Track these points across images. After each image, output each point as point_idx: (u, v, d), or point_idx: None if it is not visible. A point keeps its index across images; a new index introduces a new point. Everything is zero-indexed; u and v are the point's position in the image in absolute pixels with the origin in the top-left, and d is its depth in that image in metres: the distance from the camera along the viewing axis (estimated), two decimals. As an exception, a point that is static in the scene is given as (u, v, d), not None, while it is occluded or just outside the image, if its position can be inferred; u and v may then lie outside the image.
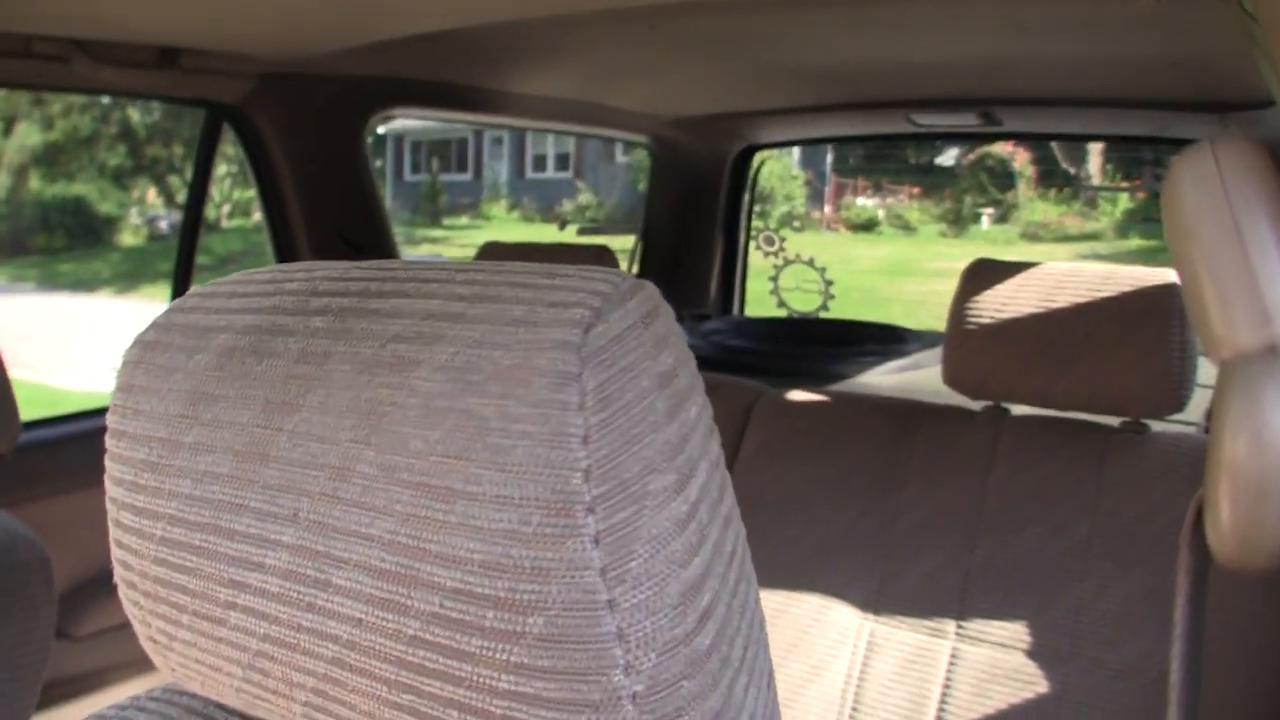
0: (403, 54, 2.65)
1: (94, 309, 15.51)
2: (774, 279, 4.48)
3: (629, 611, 0.49)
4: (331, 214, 2.89)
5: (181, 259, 2.79)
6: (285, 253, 2.87)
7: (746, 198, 4.34)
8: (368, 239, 2.97)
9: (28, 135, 21.26)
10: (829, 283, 4.41)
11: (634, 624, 0.49)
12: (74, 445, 2.46)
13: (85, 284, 18.56)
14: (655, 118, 3.91)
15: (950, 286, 2.11)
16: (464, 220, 22.73)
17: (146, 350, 0.64)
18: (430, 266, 0.60)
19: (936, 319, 2.57)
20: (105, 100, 21.71)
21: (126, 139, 21.95)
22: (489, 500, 0.49)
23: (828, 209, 20.73)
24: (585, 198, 22.09)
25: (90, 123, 21.43)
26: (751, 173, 4.32)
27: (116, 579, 0.65)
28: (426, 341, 0.53)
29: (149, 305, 16.39)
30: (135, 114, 22.17)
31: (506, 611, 0.49)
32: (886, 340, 3.74)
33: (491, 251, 2.74)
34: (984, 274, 2.10)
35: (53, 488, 2.30)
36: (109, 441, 0.65)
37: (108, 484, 0.65)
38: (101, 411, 2.90)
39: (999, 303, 2.03)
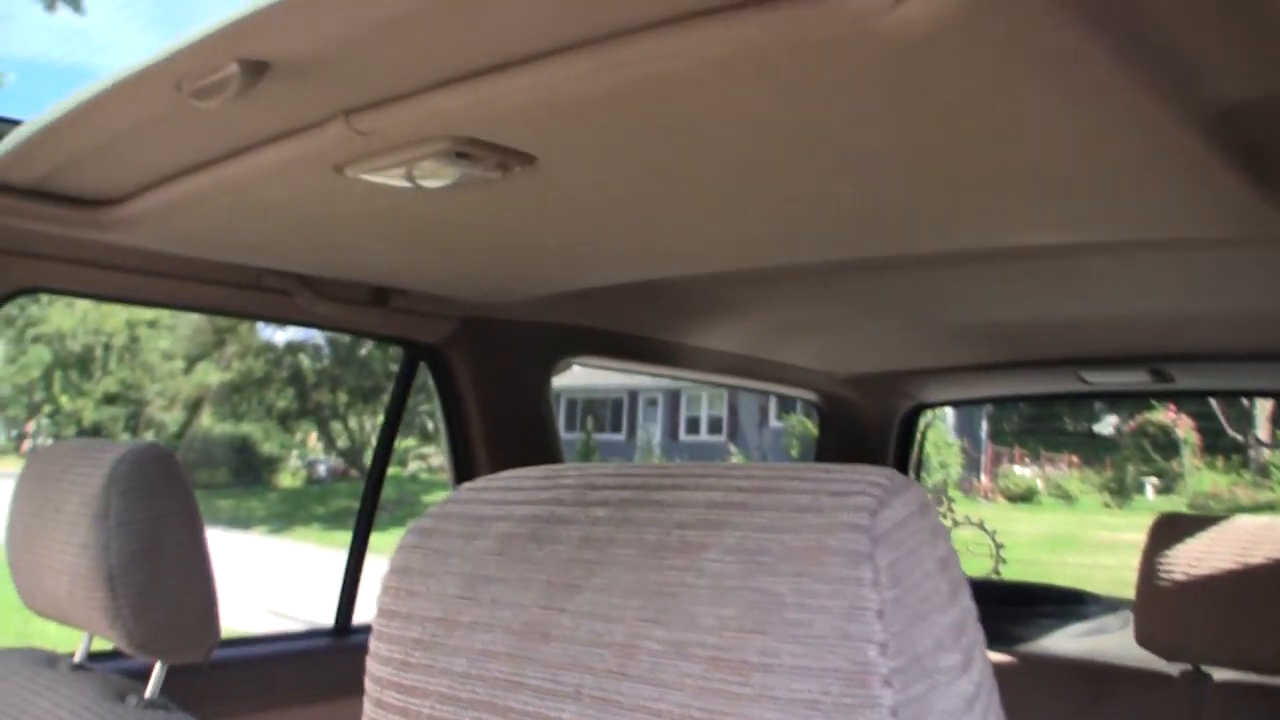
0: (590, 304, 2.77)
1: (247, 546, 15.85)
2: (941, 539, 4.41)
3: None
4: (514, 457, 2.96)
5: (370, 485, 2.88)
6: None
7: (914, 456, 4.32)
8: (546, 483, 3.02)
9: (206, 373, 22.32)
10: (1000, 546, 4.33)
11: None
12: (260, 665, 2.52)
13: (241, 521, 19.03)
14: (824, 375, 3.96)
15: (1117, 560, 2.08)
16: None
17: (423, 536, 0.69)
18: (701, 467, 0.64)
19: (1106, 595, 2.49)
20: (280, 345, 22.78)
21: (295, 383, 22.86)
22: (786, 671, 0.51)
23: (984, 478, 20.39)
24: (738, 460, 22.15)
25: (264, 365, 22.42)
26: (919, 432, 4.32)
27: None
28: (713, 527, 0.57)
29: (299, 546, 16.72)
30: (306, 359, 23.15)
31: None
32: (1066, 602, 3.62)
33: None
34: (1173, 529, 2.06)
35: (241, 705, 2.34)
36: (377, 622, 0.68)
37: (371, 664, 0.68)
38: (278, 638, 2.97)
39: (1192, 558, 1.98)
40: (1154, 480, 19.88)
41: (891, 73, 1.13)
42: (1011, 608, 3.54)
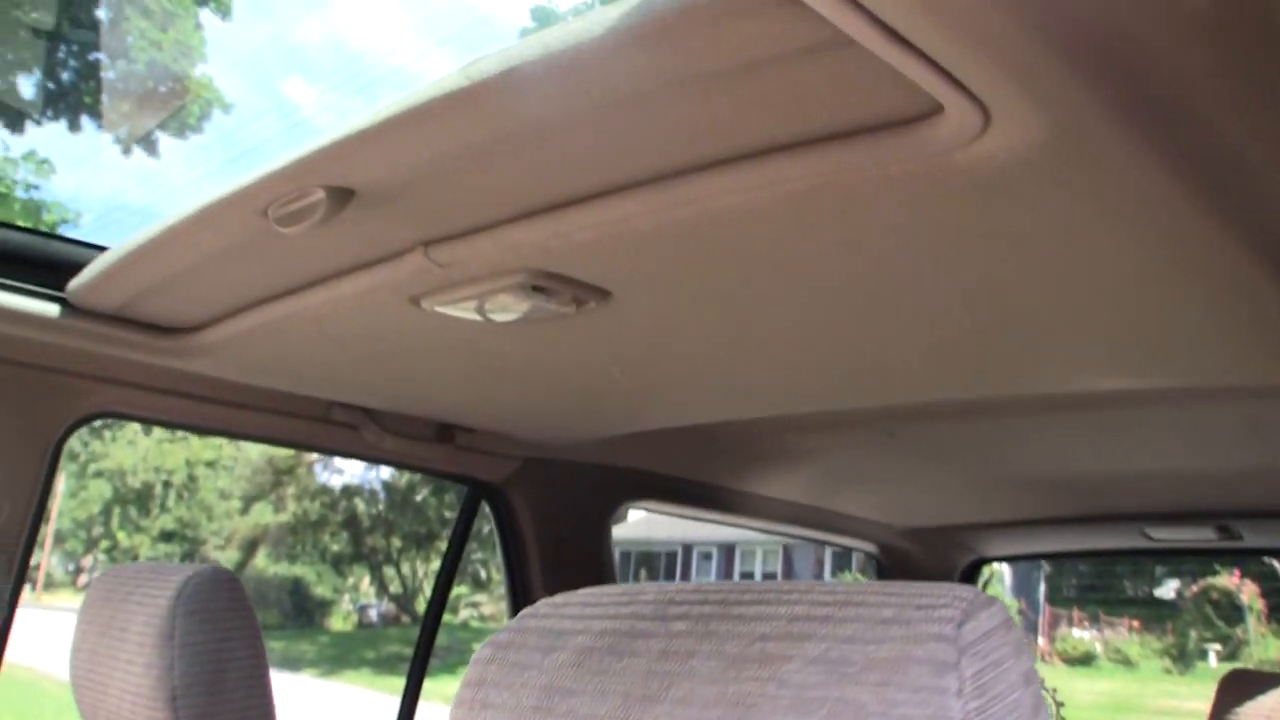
0: (652, 447, 2.78)
1: (296, 688, 15.74)
2: (1001, 697, 4.31)
3: None
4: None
5: (428, 622, 2.87)
6: None
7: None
8: (603, 625, 3.01)
9: (261, 514, 22.47)
10: (1060, 704, 4.22)
11: None
12: None
13: (291, 663, 18.94)
14: (883, 526, 3.93)
15: None
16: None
17: (500, 649, 0.69)
18: (779, 584, 0.64)
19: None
20: (336, 489, 22.90)
21: (350, 527, 22.92)
22: None
23: (1042, 640, 19.92)
24: (790, 609, 21.83)
25: (319, 509, 22.52)
26: (982, 586, 4.25)
27: None
28: (795, 639, 0.57)
29: (348, 689, 16.56)
30: (361, 504, 23.23)
31: None
32: None
33: None
34: (1242, 686, 2.01)
35: None
36: None
37: None
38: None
39: (1264, 715, 1.93)
40: (1217, 647, 19.35)
41: (966, 209, 1.15)
42: None
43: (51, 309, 1.87)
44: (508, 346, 1.87)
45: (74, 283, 1.84)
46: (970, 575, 4.19)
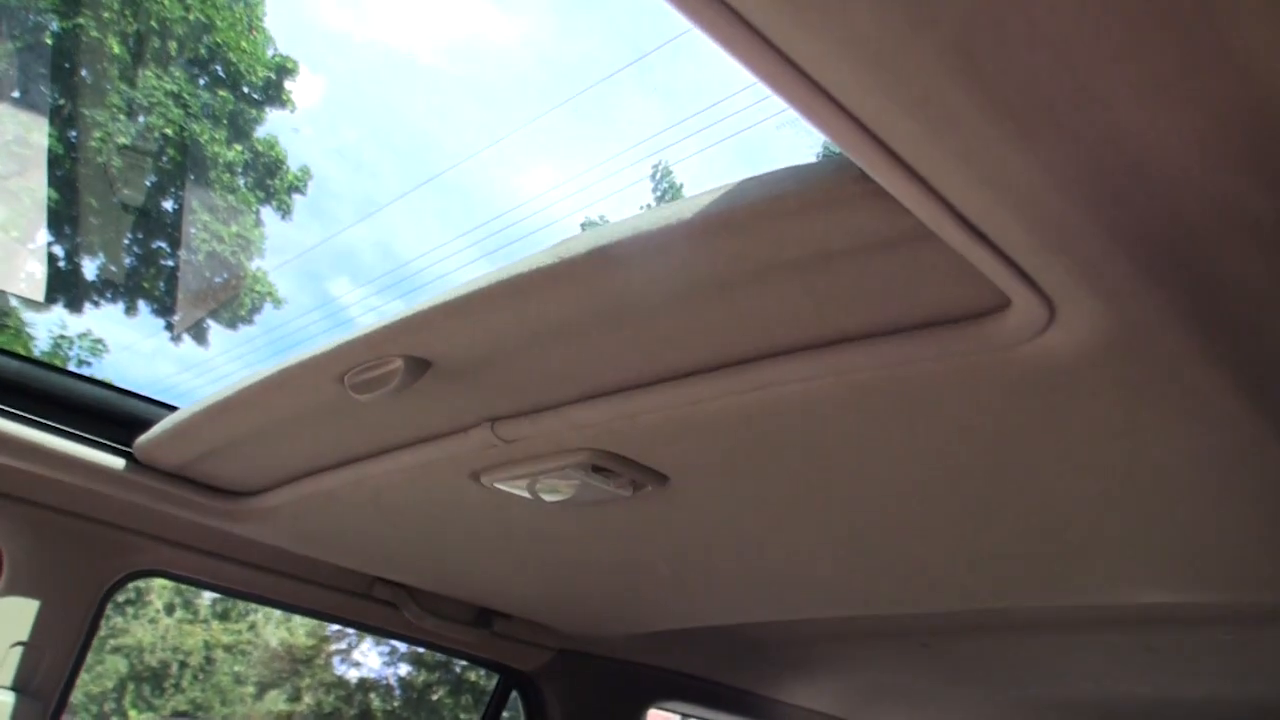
0: (686, 647, 2.77)
1: None
2: None
3: None
4: None
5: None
6: None
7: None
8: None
9: (275, 702, 22.07)
10: None
11: None
12: None
13: None
14: None
15: None
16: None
17: None
18: None
19: None
20: (353, 682, 22.54)
21: (363, 720, 22.44)
22: None
23: None
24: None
25: (334, 700, 22.10)
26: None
27: None
28: None
29: None
30: (376, 699, 22.83)
31: None
32: None
33: None
34: None
35: None
36: None
37: None
38: None
39: None
40: None
41: (1026, 404, 1.18)
42: None
43: (118, 463, 1.92)
44: (558, 529, 1.89)
45: (142, 439, 1.89)
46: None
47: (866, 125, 0.79)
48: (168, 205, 15.35)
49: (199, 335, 16.24)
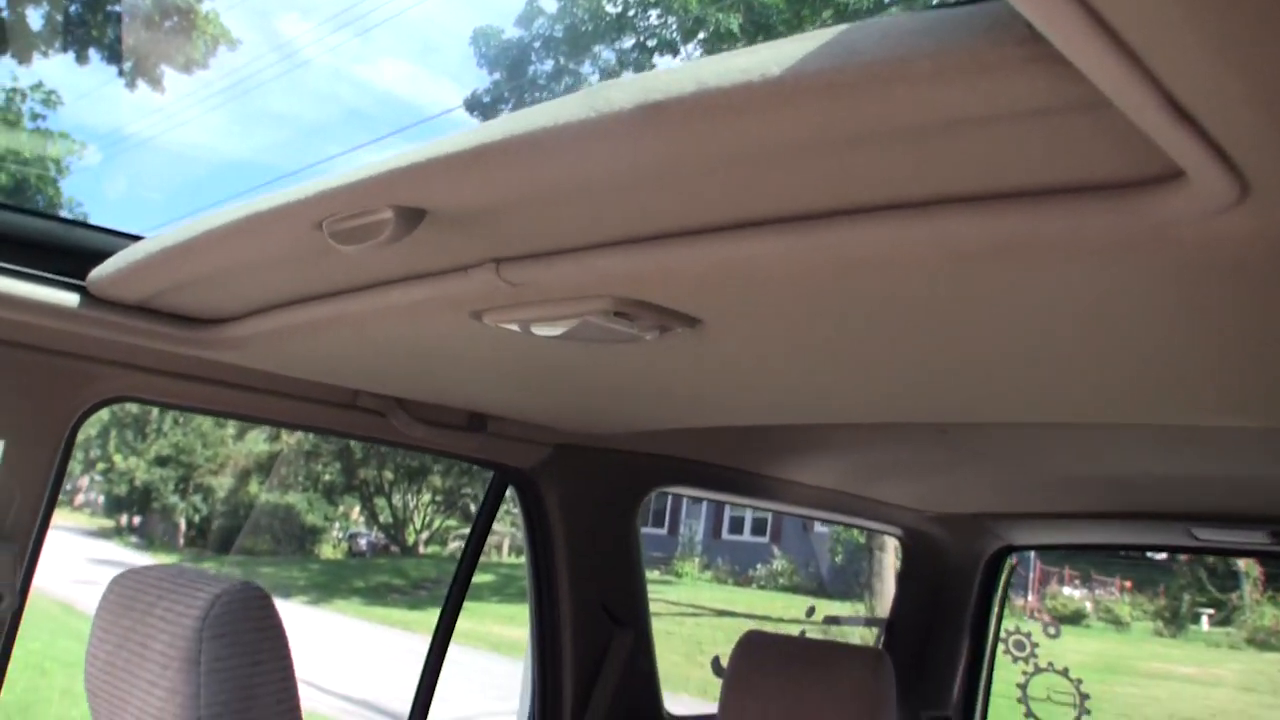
0: (688, 437, 2.66)
1: (286, 616, 15.66)
2: (1022, 686, 4.22)
3: None
4: (596, 582, 2.85)
5: (450, 602, 2.74)
6: (546, 613, 2.81)
7: (998, 598, 4.15)
8: (626, 612, 2.90)
9: (255, 443, 22.42)
10: (1085, 696, 4.13)
11: None
12: None
13: (282, 588, 18.92)
14: (913, 513, 3.82)
15: (1169, 692, 1.89)
16: (655, 574, 22.66)
17: None
18: None
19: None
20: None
21: (342, 458, 22.88)
22: None
23: (1031, 597, 19.95)
24: (780, 564, 21.79)
25: (312, 438, 22.46)
26: (1007, 572, 4.15)
27: None
28: None
29: (337, 618, 16.62)
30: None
31: None
32: None
33: (755, 643, 2.64)
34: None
35: None
36: None
37: None
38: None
39: None
40: (1210, 611, 19.37)
41: (1168, 284, 1.04)
42: None
43: (71, 298, 1.72)
44: (567, 356, 1.73)
45: (95, 273, 1.70)
46: (996, 563, 4.08)
47: None
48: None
49: (154, 82, 15.70)
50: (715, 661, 3.30)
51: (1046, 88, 0.72)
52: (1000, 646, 4.19)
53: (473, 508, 22.52)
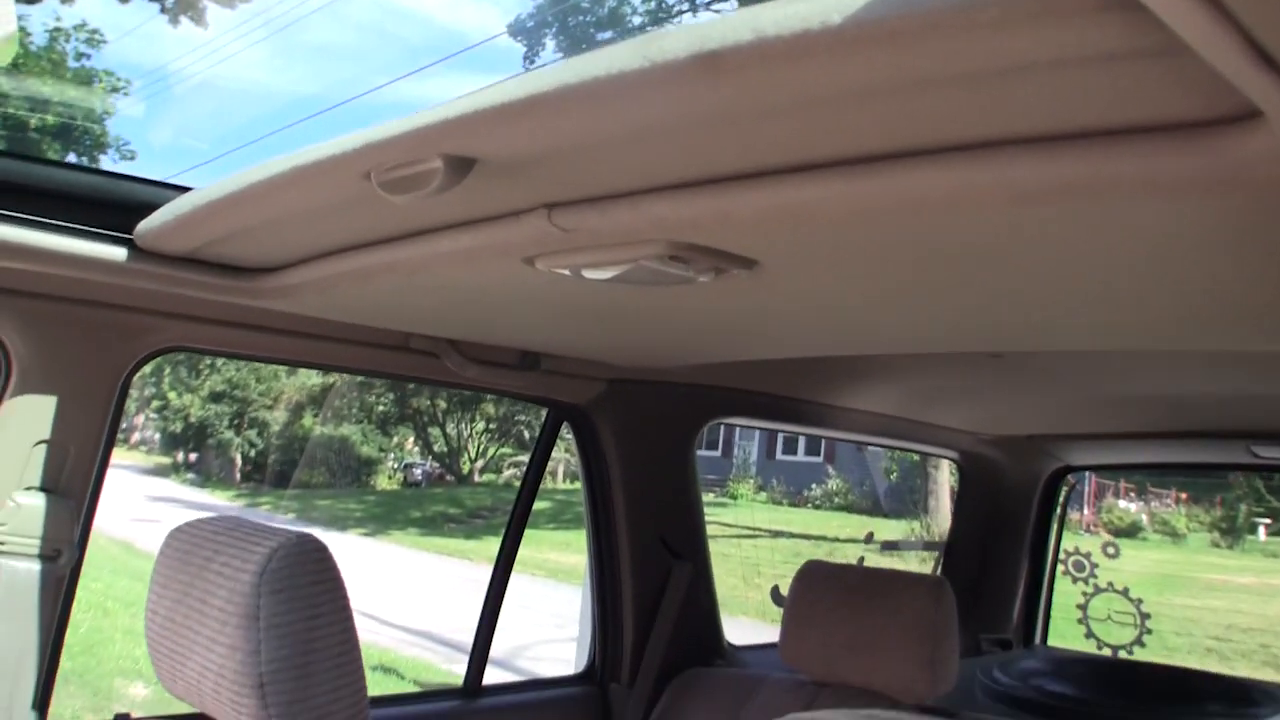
0: (744, 368, 2.64)
1: (344, 548, 15.84)
2: (1083, 607, 4.20)
3: None
4: (653, 516, 2.85)
5: (508, 541, 2.76)
6: (605, 549, 2.82)
7: (1056, 519, 4.12)
8: (685, 545, 2.91)
9: (308, 375, 22.59)
10: (1145, 616, 4.11)
11: None
12: None
13: (339, 521, 19.15)
14: (969, 435, 3.80)
15: (1227, 603, 1.86)
16: (709, 497, 22.68)
17: None
18: None
19: (1215, 640, 2.29)
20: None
21: (395, 389, 23.02)
22: None
23: (1086, 510, 19.85)
24: (835, 483, 21.74)
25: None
26: (1065, 493, 4.12)
27: None
28: None
29: (394, 549, 16.81)
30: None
31: None
32: (1234, 700, 3.37)
33: (815, 574, 2.63)
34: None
35: None
36: None
37: None
38: (407, 699, 2.88)
39: None
40: (1267, 521, 19.21)
41: (1241, 227, 1.01)
42: (1173, 704, 3.32)
43: (119, 252, 1.72)
44: (617, 295, 1.71)
45: (143, 225, 1.69)
46: (1054, 483, 4.06)
47: None
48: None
49: (197, 17, 15.65)
50: (775, 591, 3.30)
51: (1118, 34, 0.69)
52: (1059, 567, 4.17)
53: (526, 434, 22.65)
